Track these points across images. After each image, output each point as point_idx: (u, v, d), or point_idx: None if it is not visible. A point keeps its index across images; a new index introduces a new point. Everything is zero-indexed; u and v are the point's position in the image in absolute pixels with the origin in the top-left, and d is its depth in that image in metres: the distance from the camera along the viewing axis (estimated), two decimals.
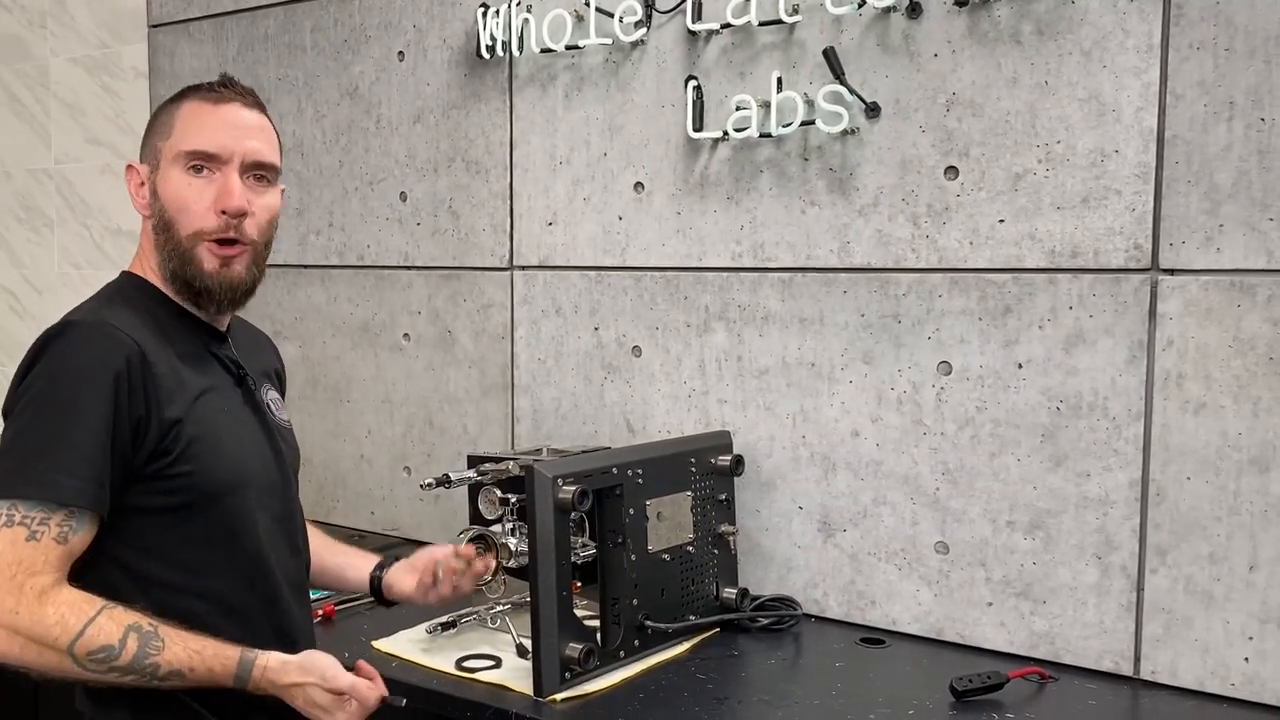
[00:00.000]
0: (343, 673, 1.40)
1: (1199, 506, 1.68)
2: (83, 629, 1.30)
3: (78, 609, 1.31)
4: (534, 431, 2.37)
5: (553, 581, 1.66)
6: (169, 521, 1.40)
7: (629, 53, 2.17)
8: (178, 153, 1.45)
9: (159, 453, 1.37)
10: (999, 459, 1.84)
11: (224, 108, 1.47)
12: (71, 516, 1.33)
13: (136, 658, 1.31)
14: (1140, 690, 1.72)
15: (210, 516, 1.42)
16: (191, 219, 1.44)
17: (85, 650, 1.30)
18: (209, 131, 1.45)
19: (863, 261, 1.95)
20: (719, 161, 2.08)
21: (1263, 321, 1.62)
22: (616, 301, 2.23)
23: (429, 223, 2.50)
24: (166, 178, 1.46)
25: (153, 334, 1.42)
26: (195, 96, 1.48)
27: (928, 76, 1.86)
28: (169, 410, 1.38)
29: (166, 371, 1.39)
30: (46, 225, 3.41)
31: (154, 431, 1.37)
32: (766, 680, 1.75)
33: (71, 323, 1.39)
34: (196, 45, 2.88)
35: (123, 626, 1.32)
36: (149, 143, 1.50)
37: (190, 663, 1.34)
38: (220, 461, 1.43)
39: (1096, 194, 1.73)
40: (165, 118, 1.49)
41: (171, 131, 1.46)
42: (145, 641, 1.32)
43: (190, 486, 1.40)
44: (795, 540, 2.05)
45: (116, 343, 1.36)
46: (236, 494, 1.45)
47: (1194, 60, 1.65)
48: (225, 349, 1.54)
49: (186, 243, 1.45)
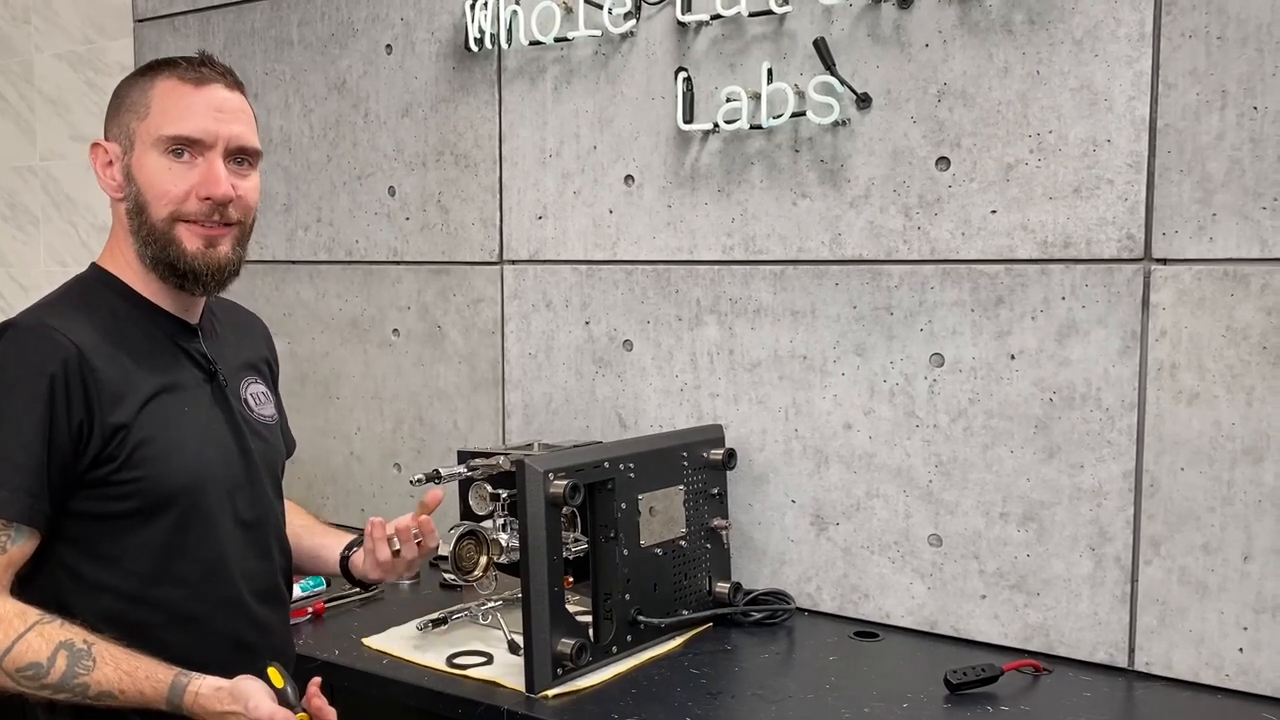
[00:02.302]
0: (265, 702, 1.30)
1: (1193, 497, 1.68)
2: (11, 645, 1.27)
3: (8, 624, 1.28)
4: (525, 427, 2.36)
5: (544, 577, 1.65)
6: (118, 528, 1.36)
7: (618, 45, 2.16)
8: (157, 136, 1.39)
9: (104, 459, 1.33)
10: (992, 450, 1.83)
11: (205, 90, 1.41)
12: (9, 527, 1.30)
13: (65, 677, 1.28)
14: (1135, 682, 1.72)
15: (162, 523, 1.38)
16: (169, 203, 1.40)
17: (14, 667, 1.27)
18: (192, 116, 1.39)
19: (854, 253, 1.94)
20: (709, 154, 2.07)
21: (1256, 311, 1.61)
22: (607, 295, 2.22)
23: (418, 217, 2.48)
24: (142, 161, 1.40)
25: (104, 334, 1.37)
26: (171, 74, 1.41)
27: (919, 67, 1.85)
28: (113, 415, 1.34)
29: (113, 374, 1.35)
30: (32, 223, 3.38)
31: (96, 437, 1.33)
32: (760, 675, 1.74)
33: (9, 325, 1.35)
34: (182, 40, 2.86)
35: (53, 644, 1.28)
36: (119, 120, 1.43)
37: (121, 684, 1.29)
38: (173, 466, 1.38)
39: (1089, 184, 1.72)
40: (138, 96, 1.42)
41: (148, 112, 1.40)
42: (75, 660, 1.28)
43: (139, 492, 1.36)
44: (788, 534, 2.04)
45: (53, 345, 1.32)
46: (192, 498, 1.40)
47: (1186, 49, 1.64)
48: (194, 343, 1.49)
49: (163, 225, 1.40)
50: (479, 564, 1.89)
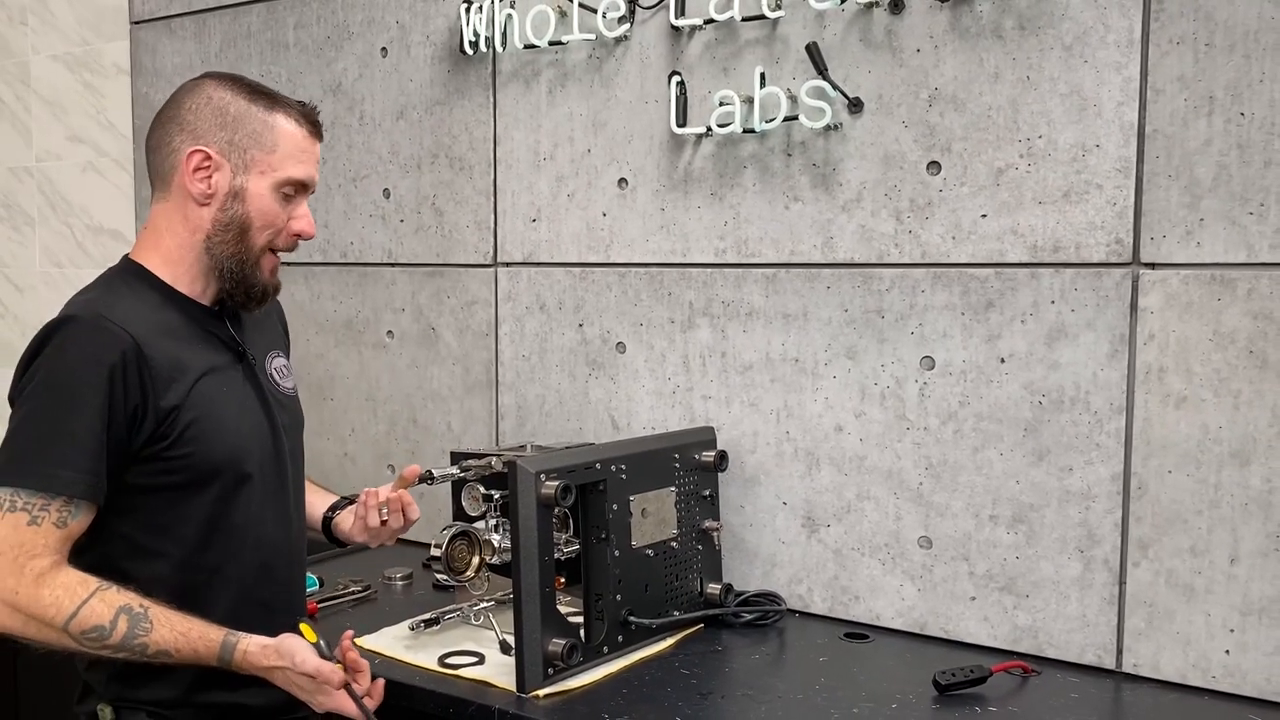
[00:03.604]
0: (310, 657, 1.46)
1: (1180, 500, 1.69)
2: (76, 610, 1.40)
3: (72, 591, 1.41)
4: (518, 429, 2.37)
5: (536, 577, 1.66)
6: (169, 499, 1.49)
7: (612, 49, 2.17)
8: (283, 177, 1.55)
9: (157, 437, 1.46)
10: (982, 453, 1.84)
11: (316, 143, 1.60)
12: (70, 503, 1.42)
13: (126, 638, 1.41)
14: (1122, 683, 1.73)
15: (208, 494, 1.51)
16: (269, 235, 1.56)
17: (78, 630, 1.40)
18: (308, 165, 1.58)
19: (846, 257, 1.95)
20: (702, 157, 2.08)
21: (1243, 315, 1.63)
22: (600, 298, 2.23)
23: (412, 219, 2.49)
24: (259, 190, 1.54)
25: (150, 323, 1.49)
26: (291, 117, 1.57)
27: (910, 72, 1.86)
28: (165, 398, 1.46)
29: (163, 360, 1.47)
30: (28, 223, 3.39)
31: (150, 419, 1.45)
32: (750, 675, 1.75)
33: (69, 318, 1.46)
34: (179, 42, 2.87)
35: (114, 608, 1.41)
36: (234, 141, 1.54)
37: (176, 644, 1.43)
38: (218, 442, 1.51)
39: (1078, 188, 1.74)
40: (260, 127, 1.55)
41: (275, 148, 1.55)
42: (135, 623, 1.41)
43: (188, 467, 1.49)
44: (779, 536, 2.05)
45: (111, 336, 1.43)
46: (234, 471, 1.53)
47: (1174, 55, 1.66)
48: (223, 328, 1.61)
49: (258, 251, 1.56)
50: (471, 564, 1.90)
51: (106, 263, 1.57)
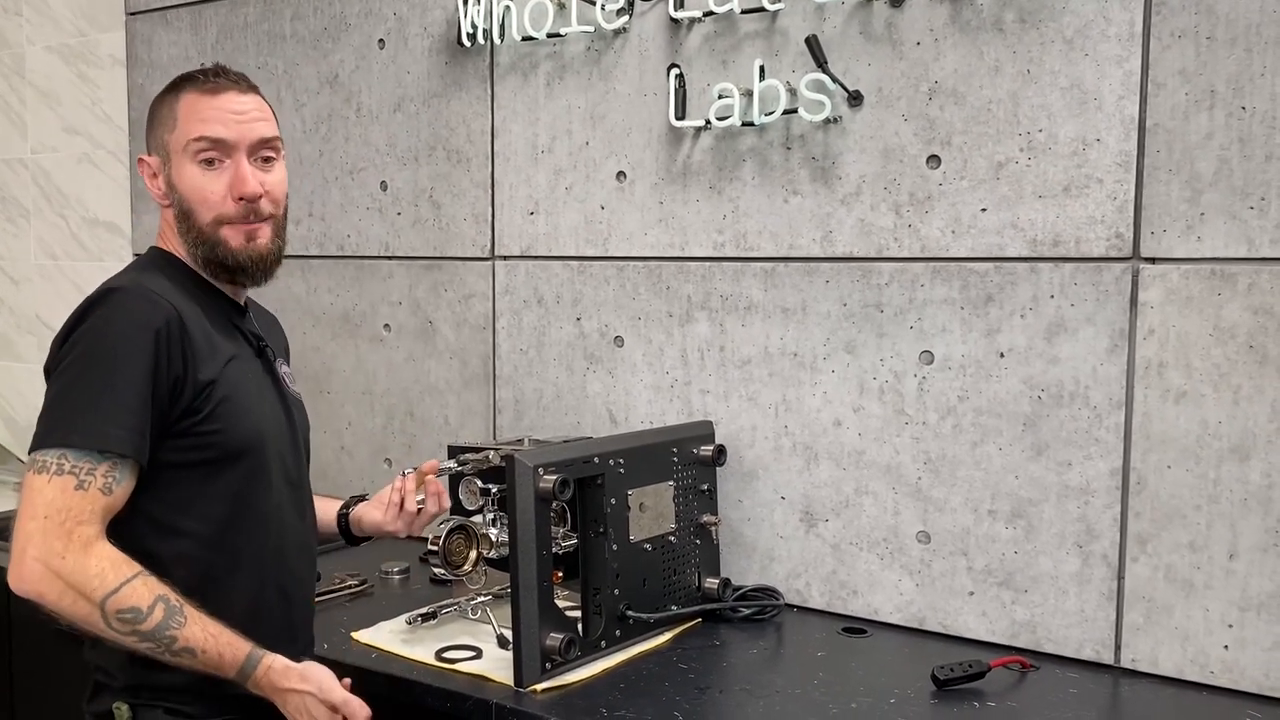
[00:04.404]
0: (338, 687, 1.47)
1: (1179, 495, 1.68)
2: (118, 587, 1.39)
3: (118, 567, 1.40)
4: (516, 423, 2.36)
5: (533, 572, 1.65)
6: (196, 476, 1.49)
7: (611, 41, 2.16)
8: (185, 144, 1.53)
9: (191, 410, 1.47)
10: (980, 448, 1.84)
11: (221, 97, 1.55)
12: (115, 468, 1.41)
13: (159, 626, 1.40)
14: (1121, 678, 1.72)
15: (233, 475, 1.52)
16: (211, 208, 1.54)
17: (116, 608, 1.38)
18: (212, 122, 1.53)
19: (845, 251, 1.94)
20: (701, 150, 2.07)
21: (1243, 310, 1.62)
22: (599, 291, 2.22)
23: (410, 212, 2.48)
24: (180, 171, 1.55)
25: (187, 302, 1.52)
26: (190, 89, 1.56)
27: (910, 65, 1.86)
28: (203, 372, 1.48)
29: (200, 336, 1.49)
30: (23, 215, 3.37)
31: (189, 390, 1.47)
32: (748, 670, 1.75)
33: (114, 289, 1.48)
34: (175, 33, 2.86)
35: (154, 594, 1.40)
36: (155, 136, 1.59)
37: (204, 644, 1.42)
38: (244, 422, 1.53)
39: (1078, 183, 1.73)
40: (165, 111, 1.57)
41: (176, 125, 1.55)
42: (170, 614, 1.41)
43: (217, 444, 1.49)
44: (777, 530, 2.05)
45: (156, 306, 1.45)
46: (258, 454, 1.54)
47: (1175, 49, 1.65)
48: (246, 322, 1.65)
49: (209, 229, 1.55)
50: (468, 559, 1.90)
51: (103, 255, 1.58)
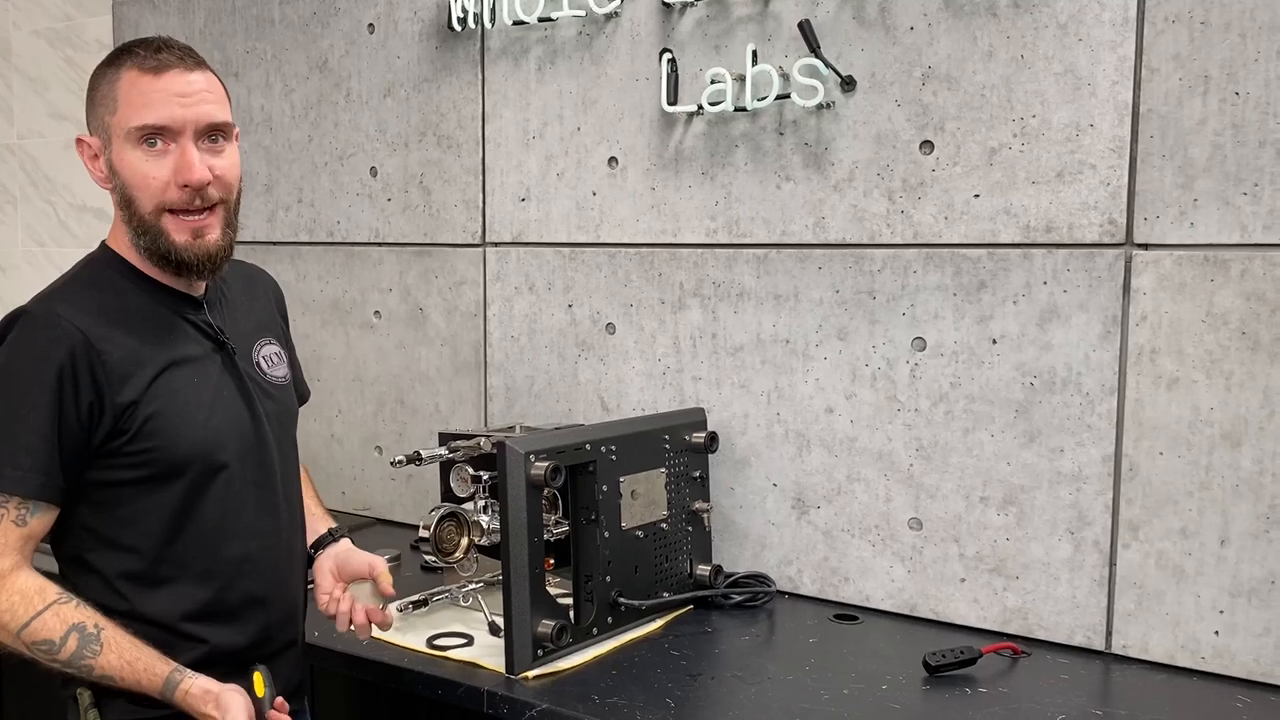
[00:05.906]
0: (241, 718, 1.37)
1: (1171, 481, 1.68)
2: (28, 621, 1.37)
3: (29, 600, 1.37)
4: (507, 410, 2.35)
5: (525, 559, 1.65)
6: (134, 492, 1.44)
7: (602, 25, 2.15)
8: (128, 129, 1.42)
9: (116, 433, 1.41)
10: (973, 435, 1.84)
11: (165, 76, 1.42)
12: (25, 503, 1.38)
13: (74, 656, 1.37)
14: (1112, 664, 1.73)
15: (176, 487, 1.45)
16: (153, 195, 1.43)
17: (29, 640, 1.37)
18: (155, 106, 1.41)
19: (838, 237, 1.93)
20: (693, 136, 2.06)
21: (1235, 296, 1.62)
22: (590, 278, 2.21)
23: (400, 198, 2.47)
24: (121, 155, 1.43)
25: (111, 316, 1.43)
26: (132, 65, 1.43)
27: (903, 50, 1.85)
28: (123, 394, 1.41)
29: (120, 355, 1.42)
30: (10, 202, 3.35)
31: (108, 414, 1.40)
32: (740, 657, 1.75)
33: (21, 314, 1.42)
34: (162, 17, 2.83)
35: (67, 625, 1.37)
36: (94, 115, 1.47)
37: (121, 672, 1.38)
38: (183, 435, 1.45)
39: (1071, 168, 1.72)
40: (106, 89, 1.45)
41: (116, 106, 1.43)
42: (85, 644, 1.37)
43: (150, 461, 1.43)
44: (769, 517, 2.04)
45: (60, 333, 1.39)
46: (205, 463, 1.47)
47: (1169, 34, 1.64)
48: (201, 315, 1.53)
49: (151, 217, 1.44)
50: (460, 546, 1.89)
51: (90, 241, 1.53)
